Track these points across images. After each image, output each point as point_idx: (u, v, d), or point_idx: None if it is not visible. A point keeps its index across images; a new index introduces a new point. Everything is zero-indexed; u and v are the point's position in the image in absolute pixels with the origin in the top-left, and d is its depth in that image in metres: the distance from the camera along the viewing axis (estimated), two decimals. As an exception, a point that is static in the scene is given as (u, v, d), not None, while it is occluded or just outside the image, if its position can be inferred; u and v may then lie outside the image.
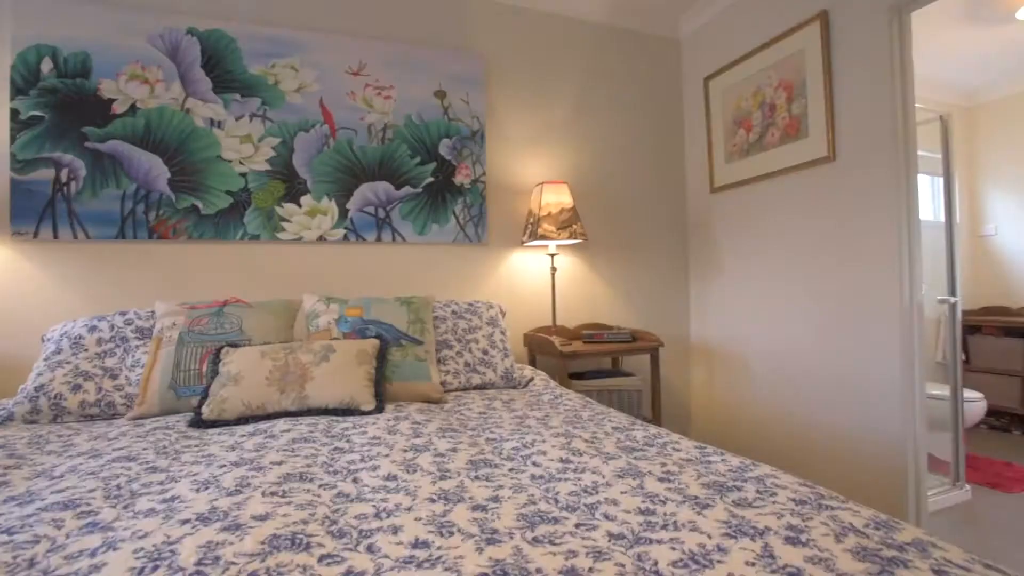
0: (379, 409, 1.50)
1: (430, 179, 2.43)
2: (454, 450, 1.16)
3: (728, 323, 2.69)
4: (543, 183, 2.41)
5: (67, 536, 0.77)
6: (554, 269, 2.47)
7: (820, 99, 2.13)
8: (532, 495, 0.91)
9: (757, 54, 2.43)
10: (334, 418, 1.42)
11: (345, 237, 2.30)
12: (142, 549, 0.71)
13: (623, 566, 0.66)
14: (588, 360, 2.59)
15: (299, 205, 2.23)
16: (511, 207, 2.59)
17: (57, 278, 1.94)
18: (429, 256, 2.44)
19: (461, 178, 2.48)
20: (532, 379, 1.98)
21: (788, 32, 2.26)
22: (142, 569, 0.66)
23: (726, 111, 2.65)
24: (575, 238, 2.35)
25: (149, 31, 2.05)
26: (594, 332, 2.41)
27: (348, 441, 1.23)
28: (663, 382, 2.84)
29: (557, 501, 0.89)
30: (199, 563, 0.67)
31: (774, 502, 0.85)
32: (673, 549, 0.71)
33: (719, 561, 0.68)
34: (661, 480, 0.96)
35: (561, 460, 1.09)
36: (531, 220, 2.43)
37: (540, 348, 2.34)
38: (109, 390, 1.59)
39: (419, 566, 0.67)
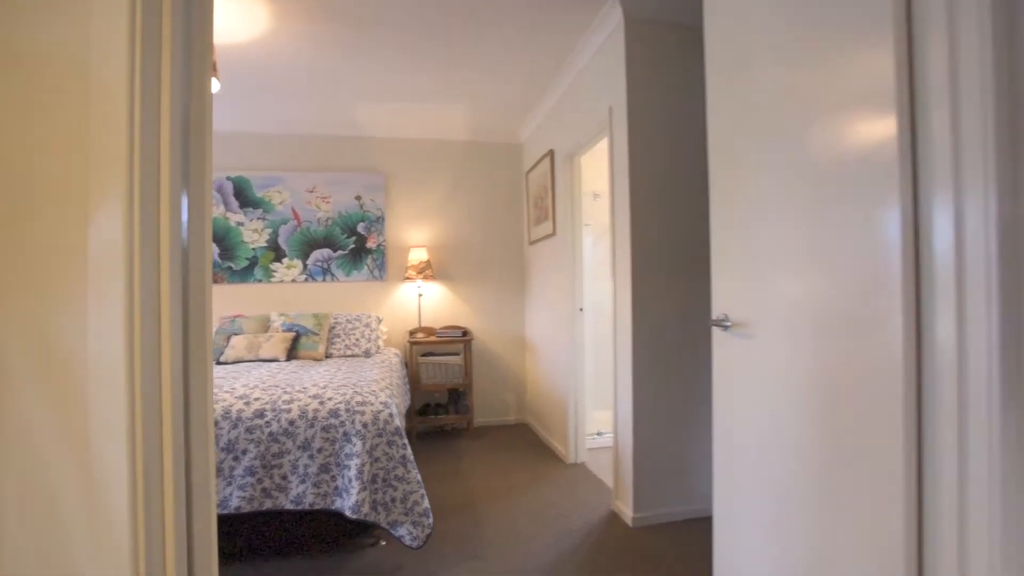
0: (287, 360, 3.47)
1: (352, 245, 4.39)
2: (302, 371, 3.09)
3: (533, 327, 4.42)
4: (411, 247, 4.30)
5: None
6: (420, 295, 4.36)
7: (550, 198, 3.85)
8: (314, 381, 2.81)
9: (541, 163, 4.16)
10: (269, 363, 3.39)
11: (306, 279, 4.31)
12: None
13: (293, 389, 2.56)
14: (445, 345, 4.42)
15: (282, 263, 4.28)
16: (403, 259, 4.49)
17: (168, 303, 4.09)
18: (352, 289, 4.41)
19: (371, 244, 4.42)
20: (386, 354, 3.86)
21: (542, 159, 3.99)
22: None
23: (532, 194, 4.38)
24: (428, 279, 4.21)
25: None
26: (445, 330, 4.25)
27: (269, 368, 3.19)
28: (480, 359, 4.61)
29: (307, 386, 2.78)
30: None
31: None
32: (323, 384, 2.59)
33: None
34: (347, 372, 2.83)
35: (333, 372, 2.98)
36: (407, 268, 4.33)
37: (409, 338, 4.22)
38: (187, 353, 3.67)
39: (262, 388, 2.60)
